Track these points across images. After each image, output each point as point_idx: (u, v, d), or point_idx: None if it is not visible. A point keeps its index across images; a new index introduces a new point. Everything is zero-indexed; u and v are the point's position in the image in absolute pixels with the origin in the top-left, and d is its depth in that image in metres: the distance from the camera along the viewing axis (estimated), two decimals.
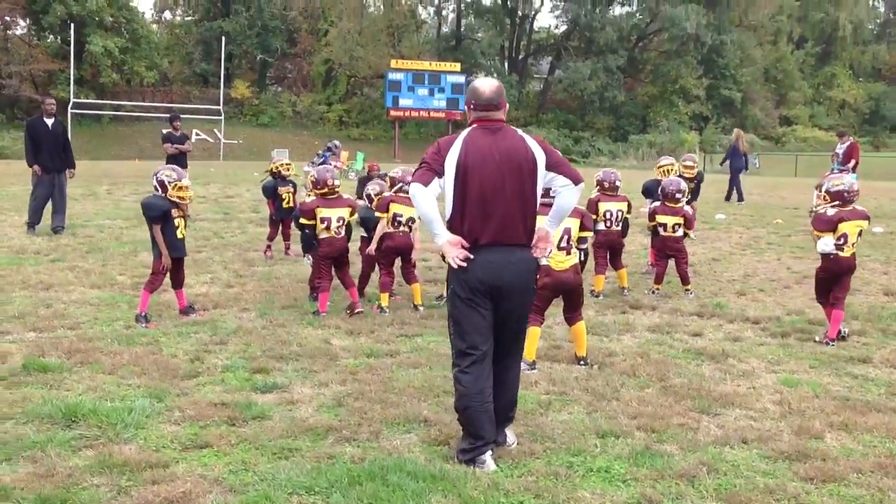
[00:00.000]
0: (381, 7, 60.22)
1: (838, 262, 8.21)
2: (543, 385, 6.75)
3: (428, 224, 5.00)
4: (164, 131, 18.69)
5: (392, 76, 53.47)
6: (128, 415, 5.81)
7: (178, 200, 8.69)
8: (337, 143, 37.80)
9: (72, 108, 45.21)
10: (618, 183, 10.44)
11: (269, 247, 13.17)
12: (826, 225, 8.17)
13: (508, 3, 64.71)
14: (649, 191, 12.21)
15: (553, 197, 5.25)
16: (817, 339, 8.28)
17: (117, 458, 5.08)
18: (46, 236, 14.40)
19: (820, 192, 8.32)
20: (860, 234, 8.31)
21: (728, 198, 24.72)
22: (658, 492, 4.69)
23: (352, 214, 9.32)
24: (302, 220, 9.15)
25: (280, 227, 13.23)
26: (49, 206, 15.02)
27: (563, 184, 5.10)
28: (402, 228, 9.43)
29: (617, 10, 66.06)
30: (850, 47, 74.87)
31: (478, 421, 5.08)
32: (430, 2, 64.54)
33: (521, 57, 66.35)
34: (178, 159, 17.84)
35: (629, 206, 10.63)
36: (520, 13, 65.39)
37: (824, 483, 4.91)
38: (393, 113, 54.07)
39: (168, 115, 19.34)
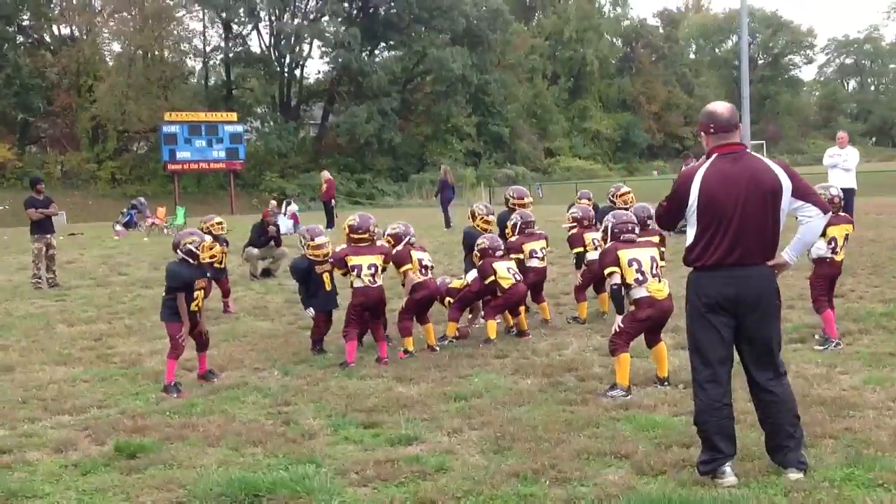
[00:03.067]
0: (150, 59, 58.16)
1: (833, 264, 8.86)
2: (667, 407, 6.85)
3: None
4: (28, 197, 17.02)
5: (167, 129, 51.55)
6: (308, 482, 5.42)
7: (209, 261, 8.24)
8: (142, 199, 36.44)
9: None
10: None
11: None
12: None
13: (277, 50, 64.48)
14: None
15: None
16: (835, 343, 8.73)
17: None
18: None
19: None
20: (846, 237, 8.98)
21: (447, 224, 26.87)
22: None
23: (385, 262, 9.10)
24: (336, 270, 8.85)
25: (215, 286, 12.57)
26: None
27: (811, 214, 5.20)
28: (430, 273, 9.43)
29: (385, 54, 67.34)
30: (598, 81, 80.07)
31: (713, 436, 5.21)
32: (197, 52, 63.21)
33: (293, 104, 66.12)
34: (45, 225, 16.55)
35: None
36: (288, 60, 65.22)
37: None
38: (171, 167, 52.07)
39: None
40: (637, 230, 7.77)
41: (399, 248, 9.38)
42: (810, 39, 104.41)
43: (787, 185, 5.11)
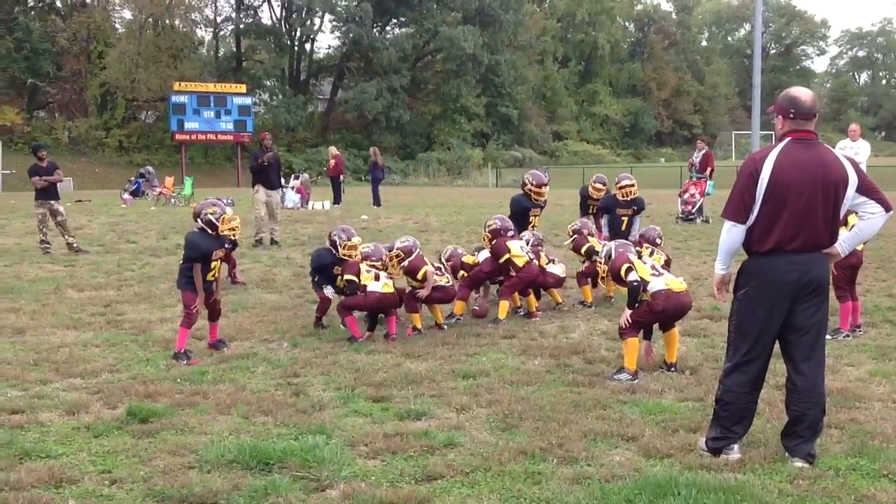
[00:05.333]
0: (161, 28, 58.04)
1: (856, 254, 8.89)
2: (674, 392, 6.92)
3: (724, 255, 5.36)
4: (31, 165, 16.90)
5: (176, 99, 51.69)
6: (319, 452, 5.49)
7: (229, 233, 8.30)
8: (150, 168, 36.45)
9: None
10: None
11: None
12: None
13: (288, 23, 64.37)
14: (606, 208, 12.35)
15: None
16: (844, 334, 8.80)
17: (381, 497, 4.82)
18: None
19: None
20: None
21: (376, 203, 28.61)
22: None
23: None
24: (348, 277, 8.93)
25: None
26: None
27: (873, 210, 5.25)
28: (445, 274, 9.72)
29: (396, 31, 67.18)
30: (609, 65, 79.82)
31: (735, 417, 5.36)
32: (208, 22, 63.08)
33: (303, 78, 66.03)
34: (48, 191, 16.53)
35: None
36: (299, 34, 65.10)
37: None
38: (178, 137, 52.24)
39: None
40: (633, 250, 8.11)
41: (412, 258, 9.42)
42: (823, 30, 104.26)
43: (853, 179, 5.15)
